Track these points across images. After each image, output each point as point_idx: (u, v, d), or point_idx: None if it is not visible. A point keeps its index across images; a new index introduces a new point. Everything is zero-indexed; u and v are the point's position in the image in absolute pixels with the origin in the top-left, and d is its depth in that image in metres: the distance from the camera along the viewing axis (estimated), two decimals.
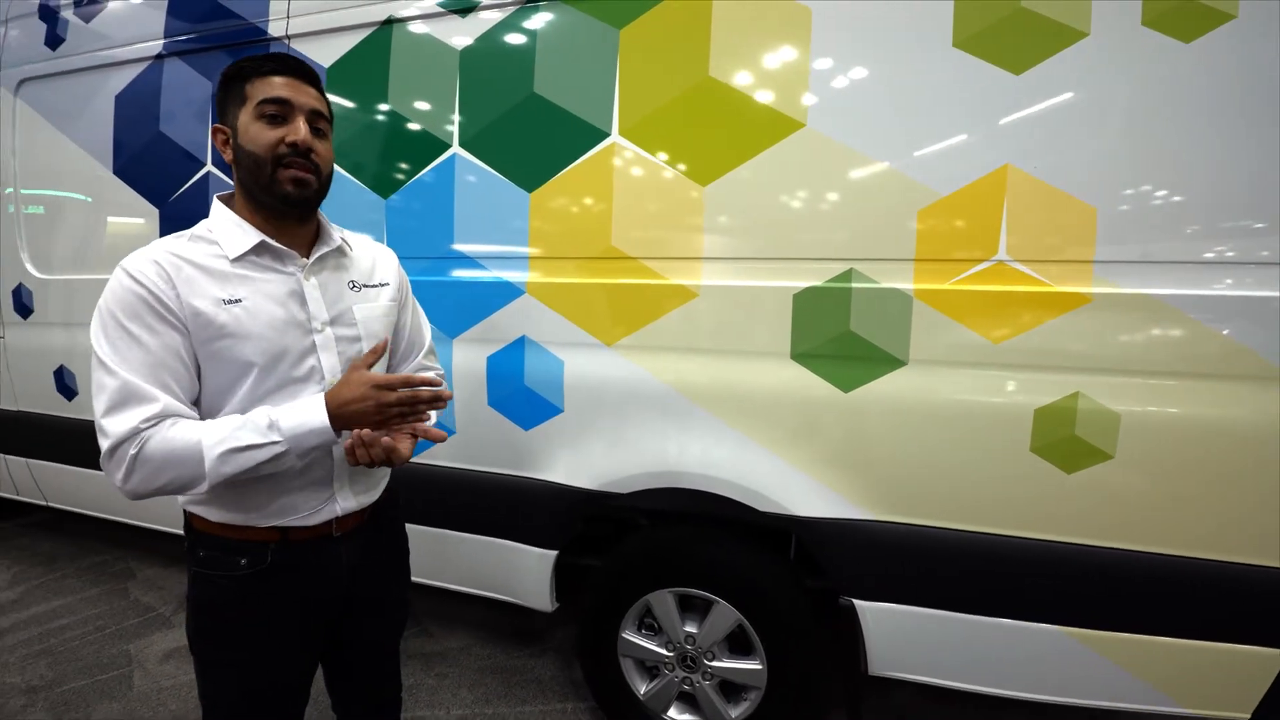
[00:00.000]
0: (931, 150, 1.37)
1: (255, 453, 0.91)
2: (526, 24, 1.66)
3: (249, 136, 0.98)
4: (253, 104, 0.98)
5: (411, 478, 1.86)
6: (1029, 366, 1.33)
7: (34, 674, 2.16)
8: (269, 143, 0.97)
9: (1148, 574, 1.32)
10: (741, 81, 1.48)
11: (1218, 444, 1.25)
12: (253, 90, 0.98)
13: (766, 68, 1.47)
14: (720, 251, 1.53)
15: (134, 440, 0.89)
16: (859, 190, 1.42)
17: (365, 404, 0.95)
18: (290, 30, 1.93)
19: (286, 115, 0.99)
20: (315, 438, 0.94)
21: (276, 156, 0.98)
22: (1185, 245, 1.24)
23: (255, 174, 0.99)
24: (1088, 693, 1.40)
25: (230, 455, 0.91)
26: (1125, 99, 1.25)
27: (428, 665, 2.20)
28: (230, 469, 0.91)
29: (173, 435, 0.90)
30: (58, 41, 2.35)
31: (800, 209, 1.46)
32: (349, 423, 0.96)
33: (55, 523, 3.34)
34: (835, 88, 1.42)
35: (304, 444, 0.94)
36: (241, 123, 0.99)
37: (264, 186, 0.99)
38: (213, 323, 0.95)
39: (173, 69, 2.12)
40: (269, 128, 0.98)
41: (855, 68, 1.41)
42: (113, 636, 2.37)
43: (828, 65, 1.42)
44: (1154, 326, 1.26)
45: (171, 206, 2.15)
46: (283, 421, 0.93)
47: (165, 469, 0.90)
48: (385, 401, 0.96)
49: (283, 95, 0.98)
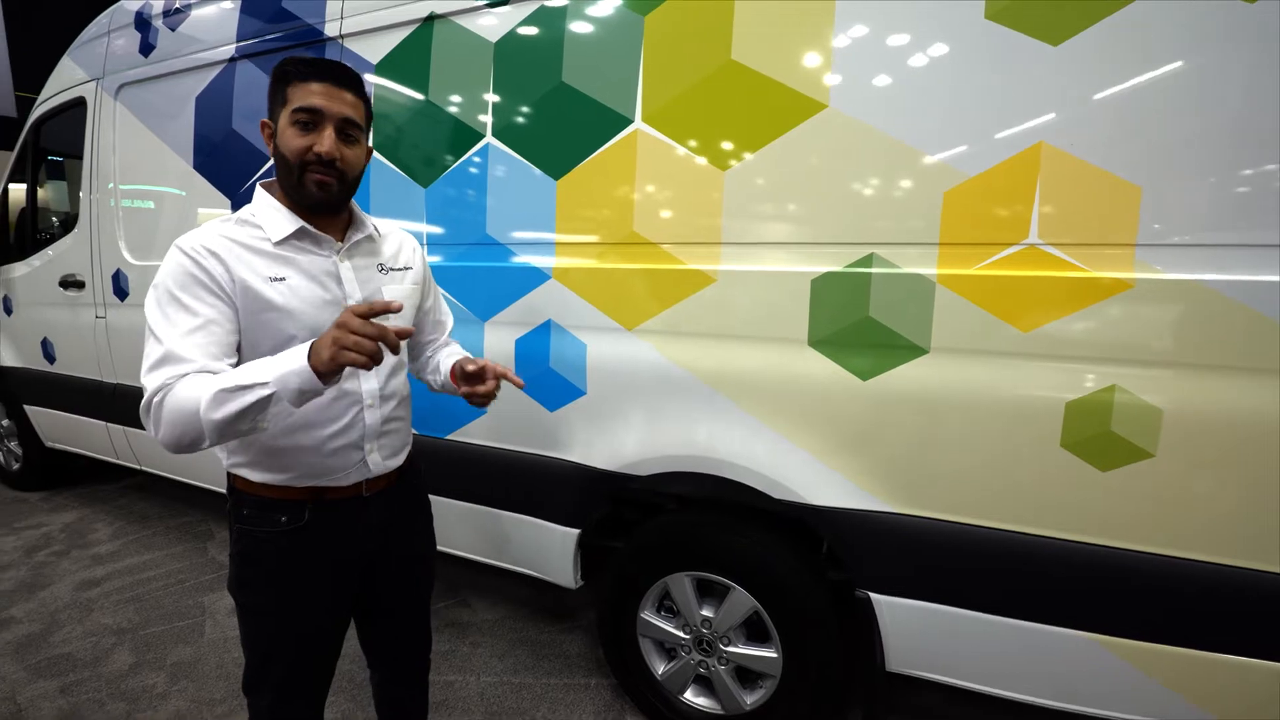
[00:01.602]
0: (960, 129, 1.30)
1: (244, 395, 0.89)
2: (555, 14, 1.70)
3: (283, 139, 1.06)
4: (290, 109, 1.05)
5: (448, 454, 1.97)
6: (1061, 357, 1.26)
7: (123, 617, 2.43)
8: (297, 150, 1.05)
9: (1189, 584, 1.22)
10: (764, 63, 1.46)
11: (1274, 445, 1.14)
12: (292, 94, 1.05)
13: (789, 48, 1.44)
14: (739, 236, 1.52)
15: (160, 393, 0.94)
16: (881, 172, 1.37)
17: (325, 345, 0.89)
18: (344, 30, 2.05)
19: (317, 123, 1.05)
20: (297, 378, 0.89)
21: (303, 163, 1.06)
22: (1241, 227, 1.13)
23: (285, 174, 1.08)
24: (1120, 705, 1.31)
25: (221, 398, 0.89)
26: (1176, 68, 1.15)
27: (463, 634, 2.32)
28: (222, 414, 0.89)
29: (185, 384, 0.93)
30: (150, 49, 2.60)
31: (820, 192, 1.43)
32: (319, 364, 0.90)
33: (151, 485, 3.72)
34: (859, 66, 1.38)
35: (289, 385, 0.90)
36: (280, 124, 1.07)
37: (292, 186, 1.08)
38: (260, 296, 1.04)
39: (243, 70, 2.30)
40: (300, 135, 1.05)
41: (880, 44, 1.36)
42: (190, 589, 2.62)
43: (851, 43, 1.38)
44: (1203, 315, 1.16)
45: (242, 198, 2.33)
46: (269, 365, 0.92)
47: (178, 419, 0.92)
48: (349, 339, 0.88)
49: (316, 104, 1.04)
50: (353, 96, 1.09)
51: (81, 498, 3.60)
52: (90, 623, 2.39)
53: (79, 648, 2.24)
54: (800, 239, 1.46)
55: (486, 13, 1.81)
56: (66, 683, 2.06)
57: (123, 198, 2.76)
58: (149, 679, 2.08)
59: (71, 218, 3.02)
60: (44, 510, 3.45)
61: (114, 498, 3.61)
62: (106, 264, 2.80)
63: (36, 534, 3.16)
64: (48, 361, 3.21)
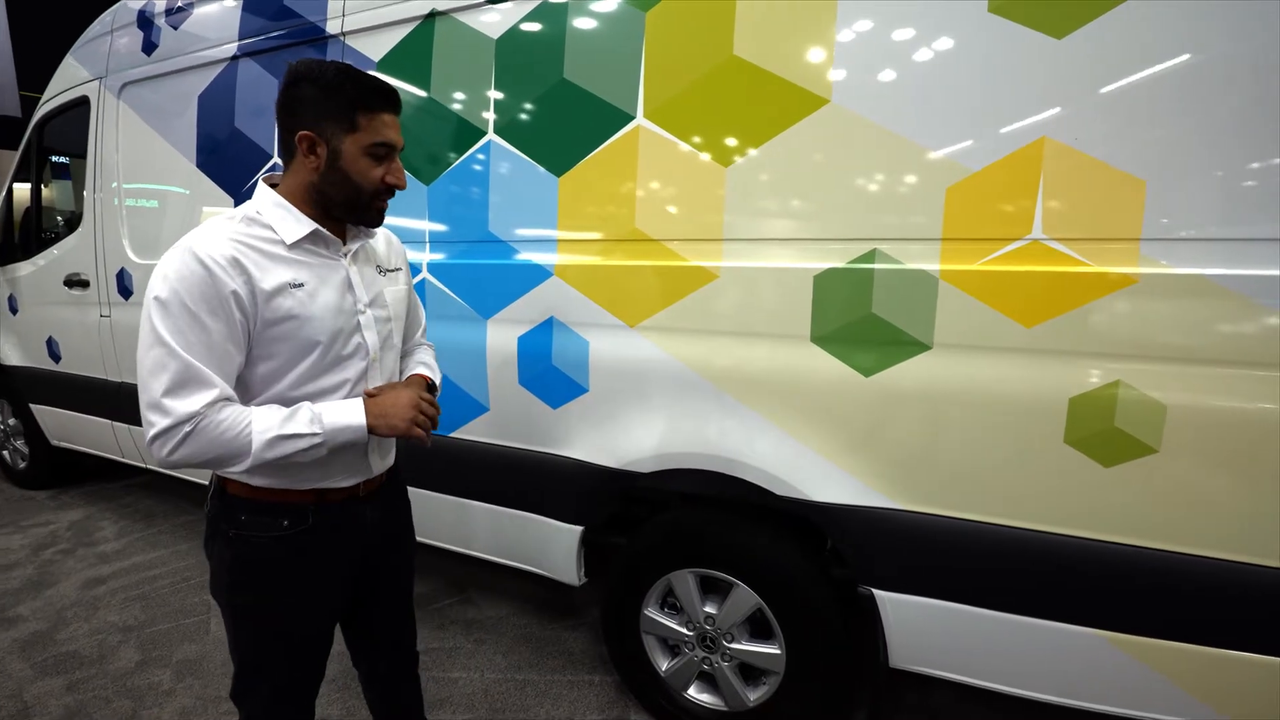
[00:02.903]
0: (962, 123, 1.30)
1: (297, 442, 1.01)
2: (556, 10, 1.70)
3: (355, 167, 1.06)
4: (366, 141, 1.05)
5: (450, 451, 1.97)
6: (1065, 352, 1.25)
7: (129, 615, 2.44)
8: (374, 180, 1.08)
9: (1196, 579, 1.22)
10: (766, 58, 1.46)
11: (1277, 440, 1.13)
12: (365, 124, 1.04)
13: (791, 42, 1.43)
14: (741, 233, 1.52)
15: (192, 420, 0.95)
16: (884, 167, 1.37)
17: (402, 419, 1.11)
18: (345, 28, 2.05)
19: (390, 155, 1.09)
20: (349, 434, 1.06)
21: (375, 192, 1.09)
22: (1246, 221, 1.12)
23: (349, 198, 1.08)
24: (1123, 701, 1.31)
25: (276, 443, 1.00)
26: (1180, 61, 1.14)
27: (468, 630, 2.32)
28: (272, 454, 1.00)
29: (224, 419, 0.97)
30: (152, 48, 2.60)
31: (822, 188, 1.43)
32: (384, 428, 1.10)
33: (156, 483, 3.73)
34: (861, 61, 1.38)
35: (337, 439, 1.05)
36: (348, 150, 1.04)
37: (354, 209, 1.10)
38: (282, 305, 1.02)
39: (245, 69, 2.30)
40: (375, 166, 1.07)
41: (883, 39, 1.36)
42: (196, 587, 2.64)
43: (854, 37, 1.38)
44: (1207, 310, 1.15)
45: (245, 196, 2.34)
46: (325, 417, 1.04)
47: (214, 448, 0.98)
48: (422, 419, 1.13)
49: (393, 140, 1.08)
50: (399, 122, 1.12)
51: (87, 496, 3.62)
52: (96, 620, 2.41)
53: (85, 645, 2.25)
54: (803, 235, 1.45)
55: (488, 9, 1.81)
56: (73, 680, 2.08)
57: (126, 197, 2.77)
58: (155, 676, 2.09)
59: (76, 217, 3.03)
60: (50, 508, 3.47)
61: (119, 496, 3.63)
62: (110, 263, 2.81)
63: (43, 532, 3.18)
64: (53, 360, 3.22)
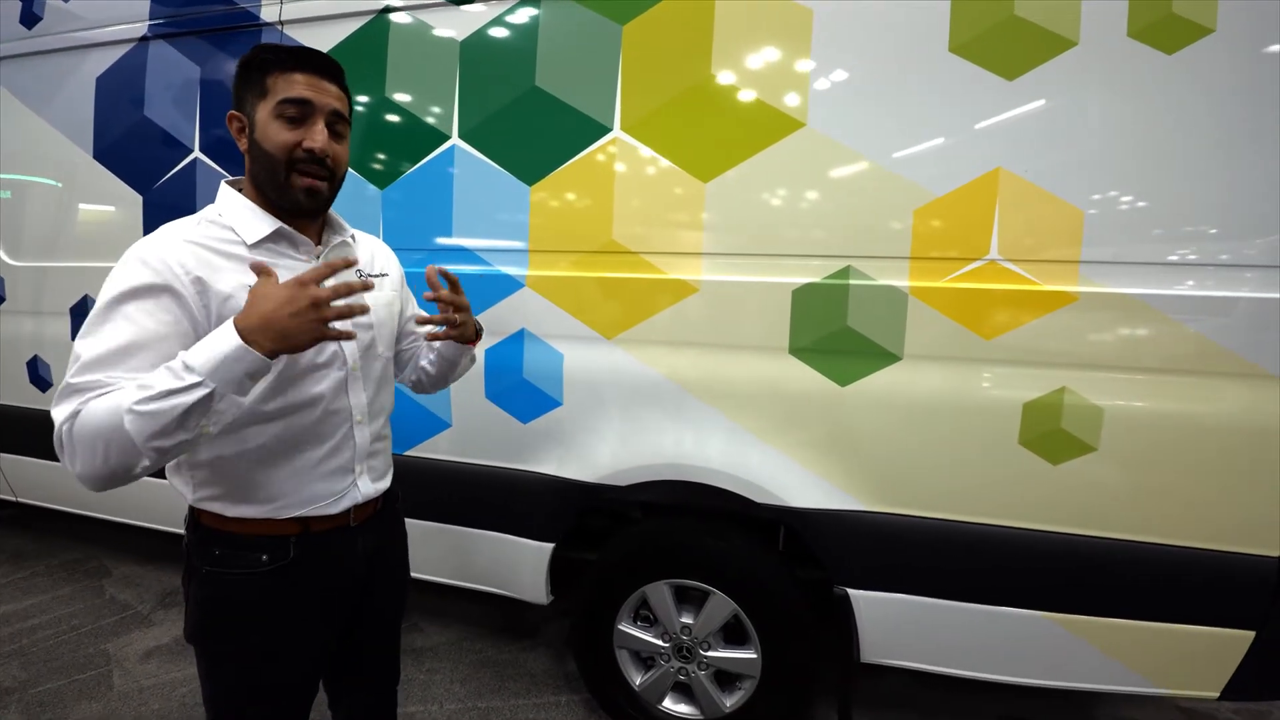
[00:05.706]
0: (927, 151, 1.41)
1: (175, 399, 0.78)
2: (529, 18, 1.67)
3: (266, 135, 0.96)
4: (273, 101, 0.95)
5: (407, 472, 1.86)
6: (1018, 362, 1.39)
7: (5, 675, 2.09)
8: (285, 145, 0.95)
9: (1126, 561, 1.38)
10: (744, 80, 1.51)
11: (1193, 437, 1.31)
12: (274, 85, 0.96)
13: (768, 67, 1.50)
14: (720, 248, 1.55)
15: (70, 420, 0.82)
16: (857, 189, 1.46)
17: (297, 304, 0.83)
18: (284, 16, 1.90)
19: (306, 116, 0.96)
20: (237, 364, 0.81)
21: (291, 160, 0.96)
22: (1160, 247, 1.30)
23: (269, 173, 0.97)
24: (1071, 676, 1.46)
25: (146, 407, 0.78)
26: (1111, 106, 1.31)
27: (419, 660, 2.19)
28: (154, 425, 0.79)
29: (97, 404, 0.81)
30: (34, 20, 2.27)
31: (800, 207, 1.50)
32: (282, 335, 0.83)
33: (22, 519, 3.23)
34: (835, 89, 1.46)
35: (227, 374, 0.81)
36: (260, 117, 0.96)
37: (276, 188, 0.98)
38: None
39: (158, 51, 2.07)
40: (287, 128, 0.95)
41: (855, 69, 1.45)
42: (89, 636, 2.31)
43: (828, 66, 1.46)
44: (1134, 325, 1.32)
45: (156, 193, 2.09)
46: (192, 358, 0.81)
47: (97, 442, 0.80)
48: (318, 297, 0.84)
49: (304, 95, 0.95)
50: (337, 89, 1.01)
51: None
52: None
53: None
54: (781, 251, 1.51)
55: (449, 10, 1.74)
56: None
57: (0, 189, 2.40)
58: None
59: None
60: None
61: None
62: None
63: None
64: None
